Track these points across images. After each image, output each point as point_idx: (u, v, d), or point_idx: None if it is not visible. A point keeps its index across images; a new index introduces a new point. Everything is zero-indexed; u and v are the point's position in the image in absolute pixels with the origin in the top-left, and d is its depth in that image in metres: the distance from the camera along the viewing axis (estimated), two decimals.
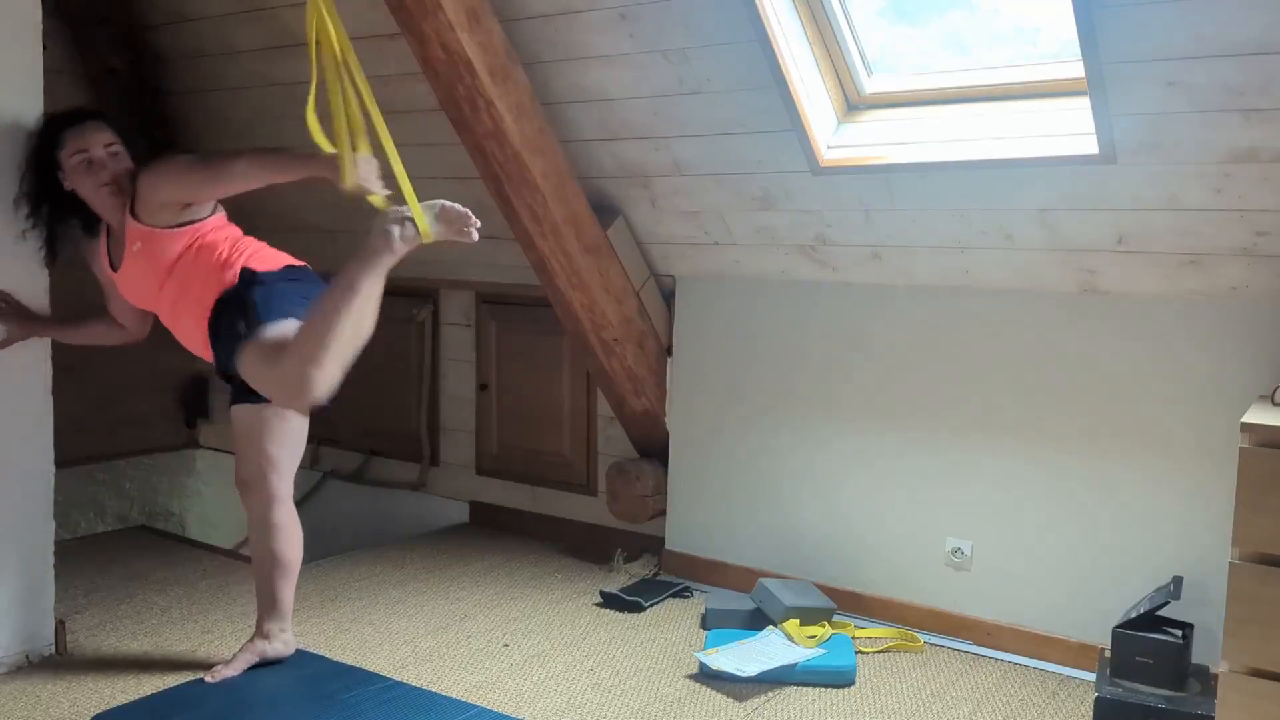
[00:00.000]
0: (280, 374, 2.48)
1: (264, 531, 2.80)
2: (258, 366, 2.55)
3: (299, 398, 2.47)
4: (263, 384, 2.58)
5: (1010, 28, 3.06)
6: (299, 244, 4.80)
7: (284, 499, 2.80)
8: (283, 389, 2.51)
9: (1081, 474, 3.04)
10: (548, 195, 3.36)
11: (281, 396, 2.57)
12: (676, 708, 2.74)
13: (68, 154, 2.70)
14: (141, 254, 2.70)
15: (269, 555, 2.80)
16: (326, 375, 2.41)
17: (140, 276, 2.75)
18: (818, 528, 3.50)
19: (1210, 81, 2.44)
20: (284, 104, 4.19)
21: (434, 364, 4.54)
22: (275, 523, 2.79)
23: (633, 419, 3.90)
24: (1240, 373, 2.79)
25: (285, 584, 2.84)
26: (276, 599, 2.84)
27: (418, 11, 3.00)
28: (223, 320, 2.66)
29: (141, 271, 2.73)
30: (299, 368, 2.41)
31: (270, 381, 2.54)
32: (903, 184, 3.05)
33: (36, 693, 2.70)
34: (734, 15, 2.90)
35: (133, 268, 2.74)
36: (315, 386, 2.40)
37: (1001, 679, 2.98)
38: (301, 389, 2.42)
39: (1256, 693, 2.07)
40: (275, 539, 2.79)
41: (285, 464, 2.80)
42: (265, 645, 2.84)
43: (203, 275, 2.70)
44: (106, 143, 2.73)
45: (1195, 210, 2.69)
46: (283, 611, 2.86)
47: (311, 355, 2.40)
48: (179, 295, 2.73)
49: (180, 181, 2.65)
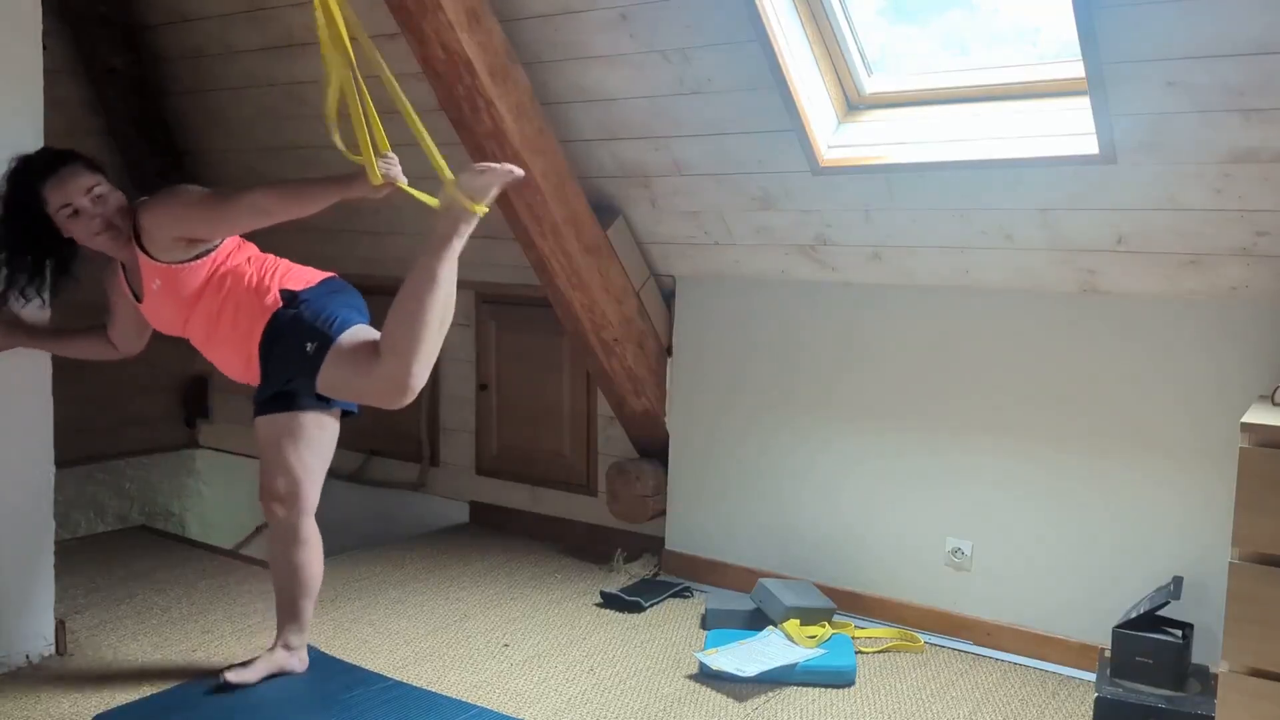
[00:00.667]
0: (379, 376, 2.49)
1: (292, 545, 2.74)
2: (346, 377, 2.55)
3: (402, 394, 2.50)
4: (356, 391, 2.61)
5: (1010, 28, 3.06)
6: (299, 244, 4.82)
7: (312, 512, 2.77)
8: (384, 389, 2.52)
9: (1081, 474, 3.03)
10: (548, 195, 3.36)
11: (382, 397, 2.55)
12: (676, 708, 2.74)
13: (53, 210, 2.56)
14: (163, 291, 2.66)
15: (296, 570, 2.76)
16: (426, 367, 2.49)
17: (165, 310, 2.72)
18: (818, 528, 3.50)
19: (1210, 81, 2.44)
20: (284, 104, 4.19)
21: (434, 364, 4.53)
22: (304, 537, 2.75)
23: (633, 419, 3.90)
24: (1240, 373, 2.79)
25: (309, 599, 2.80)
26: (300, 613, 2.80)
27: (418, 11, 3.00)
28: (280, 347, 2.61)
29: (165, 306, 2.70)
30: (400, 366, 2.46)
31: (366, 387, 2.55)
32: (903, 184, 3.05)
33: (36, 693, 2.70)
34: (734, 15, 2.90)
35: (156, 303, 2.70)
36: (417, 381, 2.49)
37: (1001, 679, 2.98)
38: (405, 386, 2.48)
39: (1256, 693, 2.07)
40: (304, 553, 2.75)
41: (320, 475, 2.77)
42: (286, 658, 2.81)
43: (235, 304, 2.66)
44: (88, 188, 2.58)
45: (1195, 210, 2.69)
46: (304, 625, 2.83)
47: (411, 351, 2.46)
48: (210, 326, 2.69)
49: (185, 219, 2.57)
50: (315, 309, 2.62)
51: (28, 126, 2.81)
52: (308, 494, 2.73)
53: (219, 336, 2.70)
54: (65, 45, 4.47)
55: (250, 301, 2.65)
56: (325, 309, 2.63)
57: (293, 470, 2.70)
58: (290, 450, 2.70)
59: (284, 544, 2.75)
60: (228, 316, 2.67)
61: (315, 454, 2.74)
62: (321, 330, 2.58)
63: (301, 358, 2.58)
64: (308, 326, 2.59)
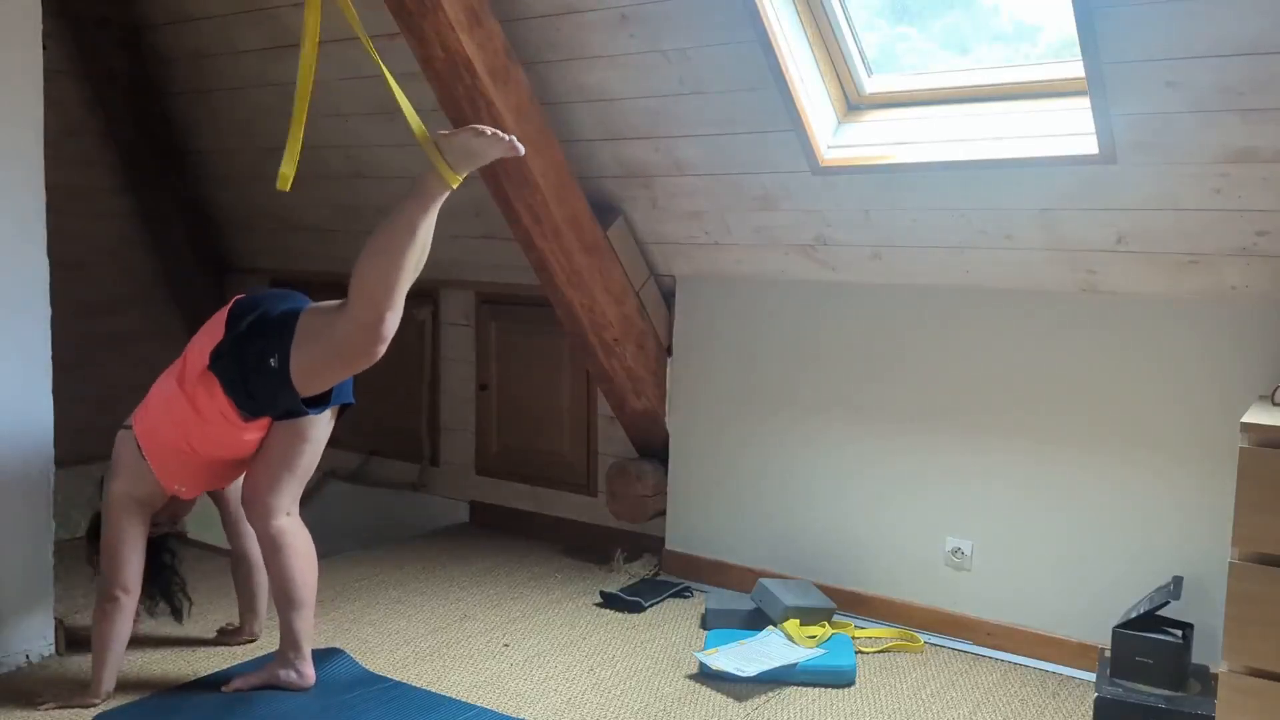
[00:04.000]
0: (348, 326, 2.45)
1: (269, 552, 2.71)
2: (317, 350, 2.50)
3: (375, 341, 2.47)
4: (330, 355, 2.53)
5: (1010, 27, 3.07)
6: (299, 244, 4.83)
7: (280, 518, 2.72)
8: (356, 339, 2.48)
9: (1081, 474, 3.04)
10: (548, 195, 3.36)
11: (355, 349, 2.51)
12: (676, 708, 2.74)
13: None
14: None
15: (274, 577, 2.73)
16: (397, 315, 2.46)
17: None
18: (818, 527, 3.50)
19: (1210, 81, 2.44)
20: (284, 104, 4.19)
21: (434, 364, 4.54)
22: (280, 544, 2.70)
23: (633, 419, 3.90)
24: (1240, 373, 2.79)
25: (296, 610, 2.72)
26: (288, 625, 2.74)
27: (418, 11, 3.00)
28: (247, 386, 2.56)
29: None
30: (371, 312, 2.43)
31: (338, 341, 2.49)
32: (903, 184, 3.05)
33: (37, 693, 2.70)
34: (734, 15, 2.90)
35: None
36: (389, 328, 2.46)
37: (1001, 679, 2.98)
38: (378, 333, 2.45)
39: (1256, 693, 2.07)
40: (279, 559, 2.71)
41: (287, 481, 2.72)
42: (283, 673, 2.74)
43: (180, 415, 2.63)
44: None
45: (1195, 210, 2.69)
46: (298, 639, 2.74)
47: (383, 298, 2.43)
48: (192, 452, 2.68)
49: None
50: (244, 339, 2.56)
51: (28, 126, 2.82)
52: (268, 502, 2.68)
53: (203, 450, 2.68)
54: (65, 45, 4.47)
55: (183, 403, 2.62)
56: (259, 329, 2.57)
57: (253, 477, 2.70)
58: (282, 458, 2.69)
59: (264, 551, 2.73)
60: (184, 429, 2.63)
61: (280, 462, 2.69)
62: (272, 340, 2.52)
63: (267, 371, 2.52)
64: (253, 350, 2.54)
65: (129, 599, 2.67)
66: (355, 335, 2.49)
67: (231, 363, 2.55)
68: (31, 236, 2.84)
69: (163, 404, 2.67)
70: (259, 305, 2.65)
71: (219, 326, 2.62)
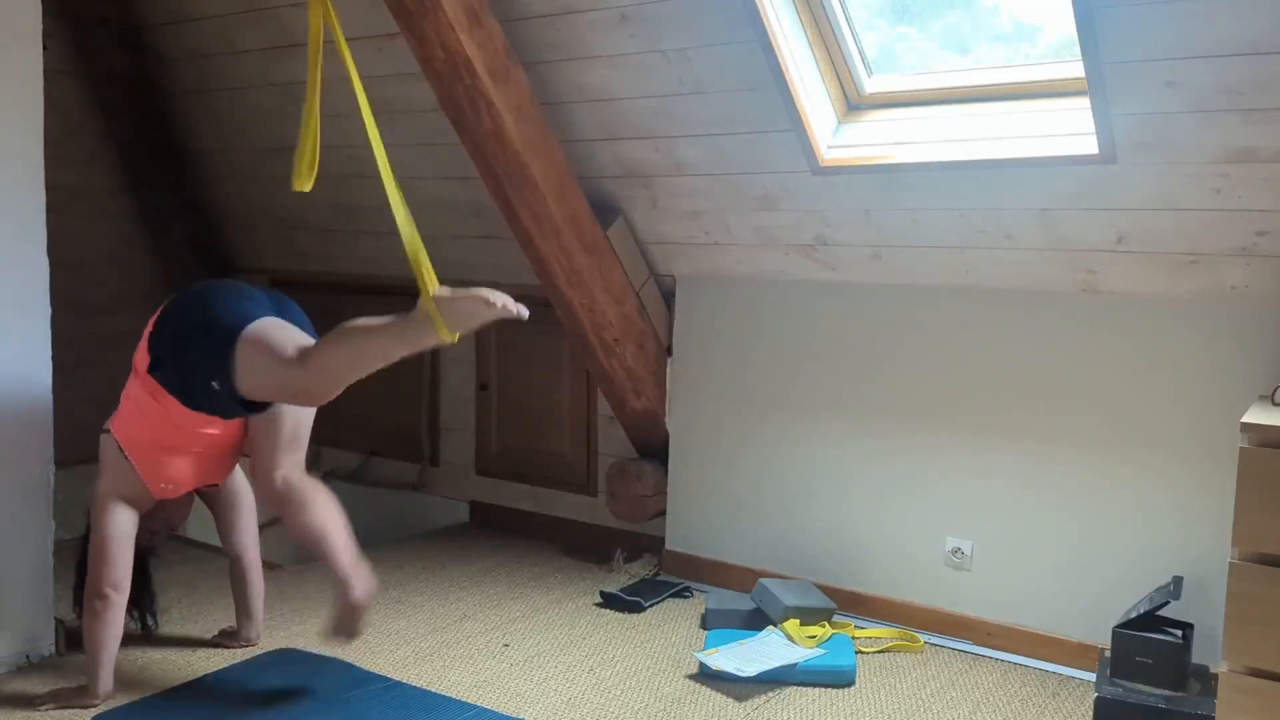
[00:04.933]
0: (301, 381, 2.46)
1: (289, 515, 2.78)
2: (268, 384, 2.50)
3: (324, 399, 2.51)
4: (279, 394, 2.56)
5: (1010, 27, 3.07)
6: (299, 244, 4.83)
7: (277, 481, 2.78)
8: (305, 393, 2.53)
9: (1081, 474, 3.03)
10: (548, 195, 3.36)
11: (303, 399, 2.60)
12: (676, 708, 2.74)
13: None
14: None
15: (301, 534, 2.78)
16: (345, 387, 2.48)
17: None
18: (818, 527, 3.50)
19: (1210, 81, 2.44)
20: (284, 104, 4.20)
21: (434, 364, 4.54)
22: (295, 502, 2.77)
23: (633, 419, 3.90)
24: (1240, 373, 2.79)
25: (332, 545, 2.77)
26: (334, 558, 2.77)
27: (418, 11, 3.00)
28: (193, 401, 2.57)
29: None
30: (327, 387, 2.45)
31: (288, 388, 2.51)
32: (903, 184, 3.05)
33: (37, 693, 2.70)
34: (734, 15, 2.90)
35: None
36: (335, 394, 2.47)
37: (1001, 679, 2.98)
38: (326, 397, 2.49)
39: (1256, 693, 2.07)
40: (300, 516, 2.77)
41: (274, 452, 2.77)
42: (348, 594, 2.75)
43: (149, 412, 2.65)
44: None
45: (1195, 210, 2.69)
46: (347, 564, 2.79)
47: (340, 382, 2.44)
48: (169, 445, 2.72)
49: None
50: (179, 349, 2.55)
51: (28, 126, 2.81)
52: (265, 471, 2.75)
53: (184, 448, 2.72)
54: (65, 45, 4.47)
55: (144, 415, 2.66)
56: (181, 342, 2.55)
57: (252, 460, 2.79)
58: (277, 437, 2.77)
59: (283, 515, 2.78)
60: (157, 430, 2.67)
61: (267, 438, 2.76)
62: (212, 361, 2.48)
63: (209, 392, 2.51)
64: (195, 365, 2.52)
65: (119, 597, 2.67)
66: (305, 391, 2.52)
67: (173, 374, 2.56)
68: (31, 236, 2.84)
69: (133, 402, 2.69)
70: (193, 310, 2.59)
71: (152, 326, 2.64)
